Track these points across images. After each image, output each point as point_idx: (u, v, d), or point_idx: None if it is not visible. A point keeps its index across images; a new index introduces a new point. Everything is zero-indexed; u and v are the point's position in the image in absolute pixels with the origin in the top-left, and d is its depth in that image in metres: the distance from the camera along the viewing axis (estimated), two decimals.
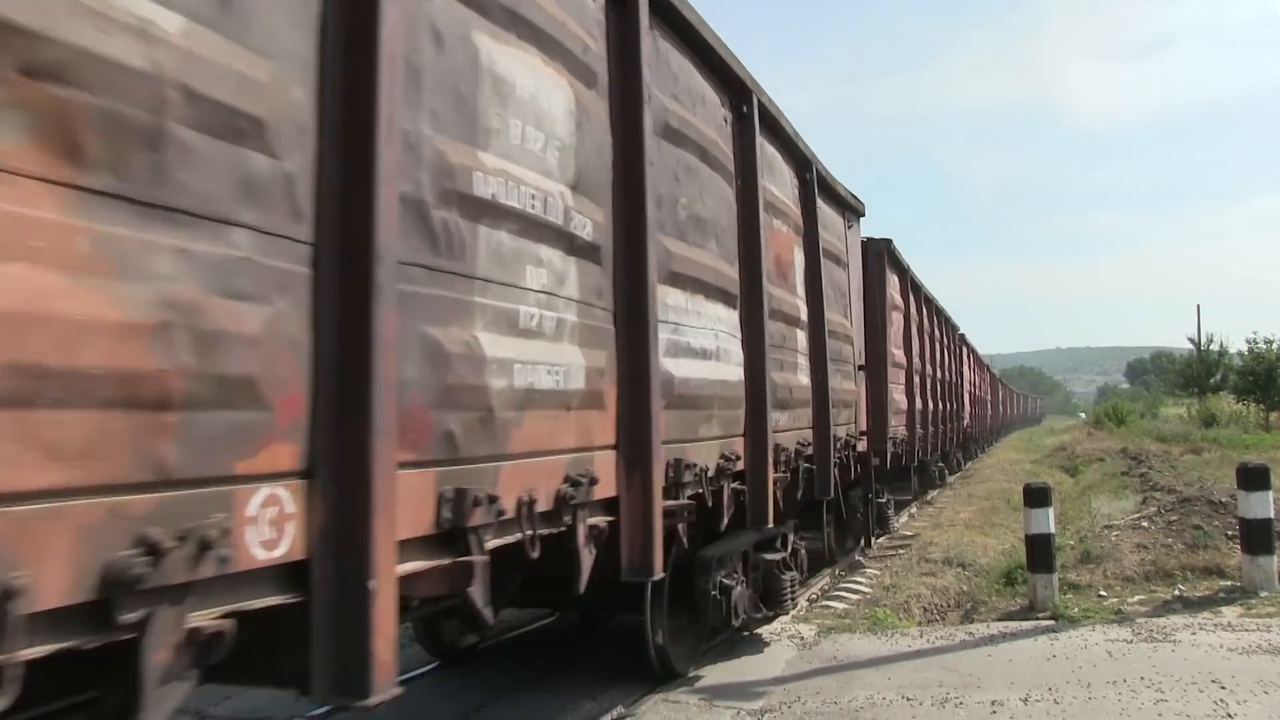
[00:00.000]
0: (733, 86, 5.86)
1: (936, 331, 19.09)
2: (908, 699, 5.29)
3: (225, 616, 2.12)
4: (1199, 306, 49.78)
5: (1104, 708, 5.00)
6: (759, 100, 6.15)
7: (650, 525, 4.11)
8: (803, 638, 6.98)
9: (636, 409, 4.09)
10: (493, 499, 3.01)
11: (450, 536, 2.89)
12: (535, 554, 3.25)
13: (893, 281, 13.43)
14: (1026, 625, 7.09)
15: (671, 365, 4.62)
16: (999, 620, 7.50)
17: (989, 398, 37.49)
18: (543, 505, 3.38)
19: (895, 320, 13.66)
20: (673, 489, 4.54)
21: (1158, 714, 4.86)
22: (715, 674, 6.07)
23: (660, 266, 4.47)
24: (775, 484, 6.10)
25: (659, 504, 4.17)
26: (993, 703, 5.16)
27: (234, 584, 2.16)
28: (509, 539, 3.19)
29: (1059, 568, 8.26)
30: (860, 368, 9.64)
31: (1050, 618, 7.28)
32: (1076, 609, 7.46)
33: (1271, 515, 7.74)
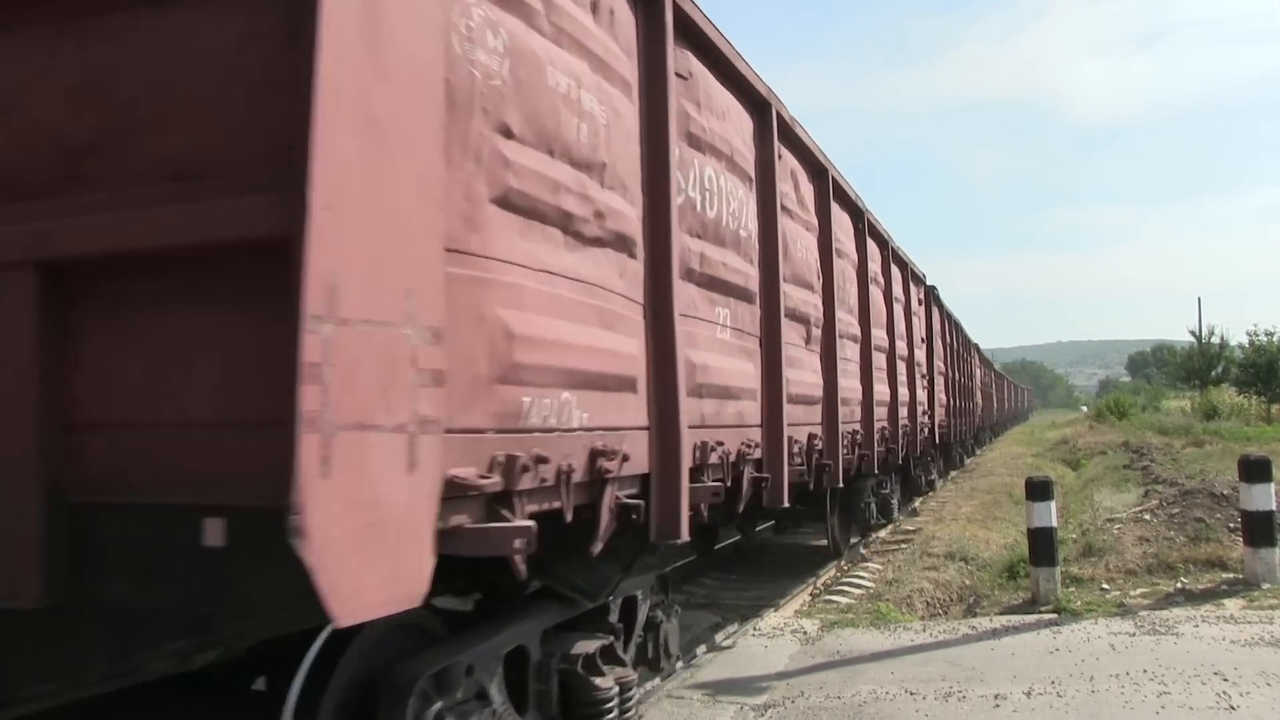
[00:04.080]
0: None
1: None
2: (910, 693, 5.30)
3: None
4: (1200, 299, 49.97)
5: (1107, 700, 5.01)
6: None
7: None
8: (805, 632, 6.98)
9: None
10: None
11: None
12: None
13: None
14: (1029, 619, 7.10)
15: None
16: (1001, 614, 7.51)
17: (957, 375, 21.54)
18: None
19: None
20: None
21: (1160, 706, 4.87)
22: (718, 669, 6.08)
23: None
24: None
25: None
26: (995, 696, 5.17)
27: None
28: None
29: (1061, 561, 8.27)
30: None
31: (1053, 611, 7.29)
32: (1079, 602, 7.47)
33: (1273, 507, 7.75)
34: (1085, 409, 66.43)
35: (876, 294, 10.38)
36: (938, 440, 16.68)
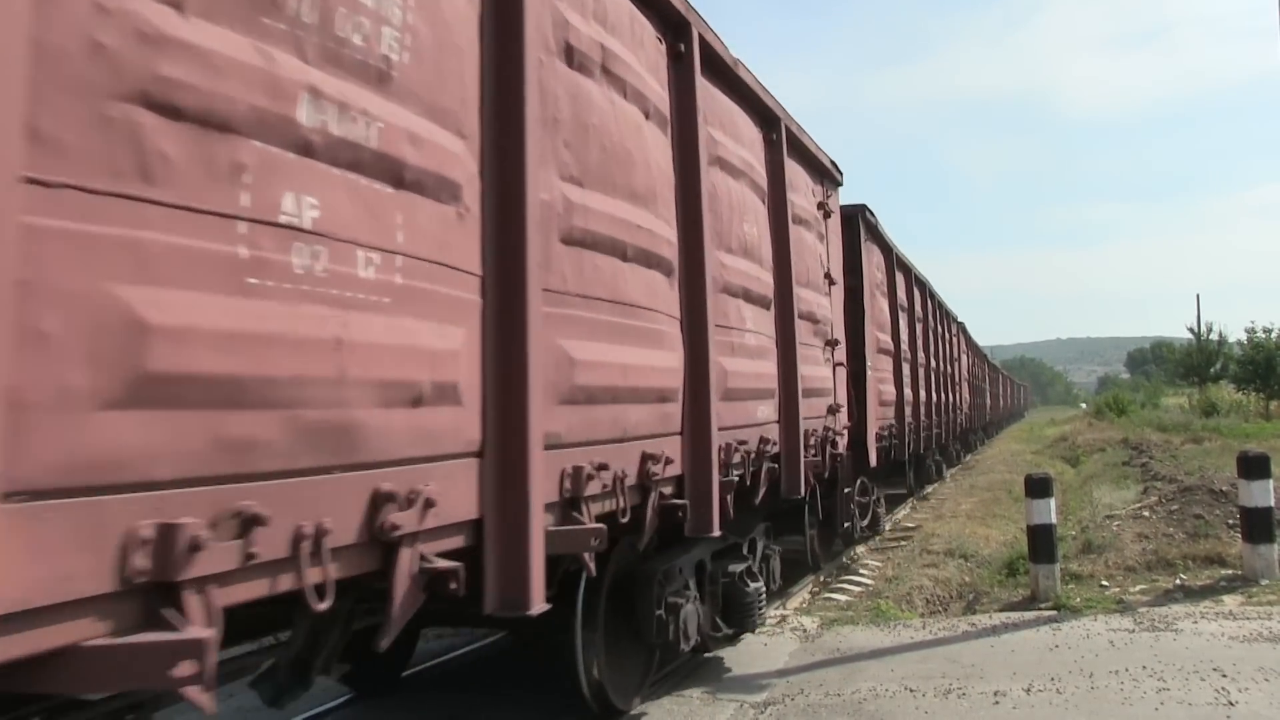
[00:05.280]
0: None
1: None
2: (910, 690, 5.31)
3: None
4: (1199, 296, 49.95)
5: (1106, 697, 5.02)
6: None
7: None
8: (805, 630, 6.99)
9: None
10: None
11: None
12: None
13: None
14: (1029, 616, 7.11)
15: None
16: (1001, 611, 7.53)
17: (925, 357, 16.17)
18: None
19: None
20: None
21: (1160, 702, 4.88)
22: (717, 666, 6.09)
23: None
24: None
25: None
26: (995, 693, 5.18)
27: None
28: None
29: (1061, 558, 8.28)
30: None
31: (1052, 608, 7.30)
32: (1078, 599, 7.49)
33: (1272, 504, 7.77)
34: (1084, 406, 66.49)
35: (658, 146, 4.71)
36: (874, 458, 10.12)
